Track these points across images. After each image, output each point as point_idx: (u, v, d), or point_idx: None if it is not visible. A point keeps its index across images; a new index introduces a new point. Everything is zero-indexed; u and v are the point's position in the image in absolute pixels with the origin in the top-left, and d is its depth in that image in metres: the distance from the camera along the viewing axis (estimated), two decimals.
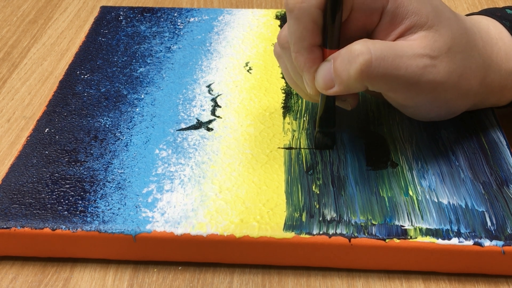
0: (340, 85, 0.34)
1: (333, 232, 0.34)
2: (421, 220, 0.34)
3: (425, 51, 0.33)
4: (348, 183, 0.37)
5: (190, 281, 0.34)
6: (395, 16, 0.34)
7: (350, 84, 0.33)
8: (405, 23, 0.34)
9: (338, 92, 0.34)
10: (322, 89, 0.35)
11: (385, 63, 0.32)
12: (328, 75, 0.34)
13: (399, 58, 0.33)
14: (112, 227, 0.34)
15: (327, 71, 0.34)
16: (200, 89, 0.45)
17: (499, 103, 0.40)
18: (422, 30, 0.34)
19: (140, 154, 0.39)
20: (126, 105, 0.43)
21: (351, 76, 0.33)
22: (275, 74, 0.46)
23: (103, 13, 0.54)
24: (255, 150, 0.39)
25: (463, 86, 0.36)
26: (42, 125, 0.41)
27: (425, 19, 0.34)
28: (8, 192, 0.36)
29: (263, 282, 0.34)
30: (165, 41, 0.50)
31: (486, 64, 0.37)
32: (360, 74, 0.32)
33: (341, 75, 0.33)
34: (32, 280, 0.35)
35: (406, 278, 0.34)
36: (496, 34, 0.38)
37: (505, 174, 0.37)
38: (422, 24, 0.34)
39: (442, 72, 0.34)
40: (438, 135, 0.40)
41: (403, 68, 0.33)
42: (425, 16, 0.34)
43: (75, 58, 0.48)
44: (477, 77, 0.36)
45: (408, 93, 0.35)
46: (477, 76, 0.36)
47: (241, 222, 0.34)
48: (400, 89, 0.34)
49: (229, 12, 0.54)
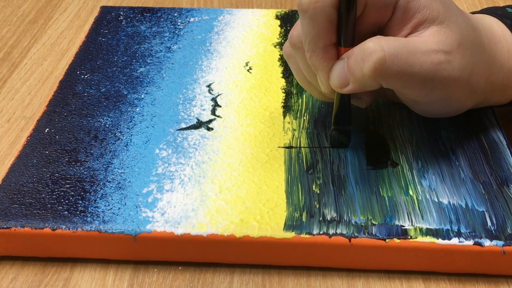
0: (355, 83, 0.34)
1: (333, 232, 0.34)
2: (421, 220, 0.34)
3: (439, 47, 0.33)
4: (348, 182, 0.37)
5: (190, 281, 0.34)
6: (407, 10, 0.34)
7: (365, 82, 0.33)
8: (417, 17, 0.34)
9: (352, 90, 0.34)
10: (337, 88, 0.35)
11: (399, 60, 0.32)
12: (342, 74, 0.34)
13: (413, 55, 0.33)
14: (112, 227, 0.34)
15: (341, 70, 0.34)
16: (200, 89, 0.45)
17: (500, 101, 0.40)
18: (434, 25, 0.34)
19: (140, 154, 0.39)
20: (126, 105, 0.43)
21: (365, 74, 0.33)
22: (275, 74, 0.46)
23: (103, 13, 0.54)
24: (255, 150, 0.39)
25: (473, 83, 0.36)
26: (42, 125, 0.41)
27: (436, 13, 0.34)
28: (8, 192, 0.36)
29: (263, 282, 0.34)
30: (165, 41, 0.50)
31: (491, 62, 0.37)
32: (374, 72, 0.32)
33: (355, 74, 0.33)
34: (32, 280, 0.35)
35: (406, 278, 0.34)
36: (499, 32, 0.38)
37: (505, 174, 0.37)
38: (434, 18, 0.34)
39: (456, 68, 0.34)
40: (438, 135, 0.40)
41: (418, 65, 0.33)
42: (436, 11, 0.34)
43: (75, 58, 0.48)
44: (484, 74, 0.36)
45: (423, 89, 0.34)
46: (484, 73, 0.36)
47: (241, 222, 0.34)
48: (415, 86, 0.34)
49: (229, 12, 0.54)
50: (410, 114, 0.42)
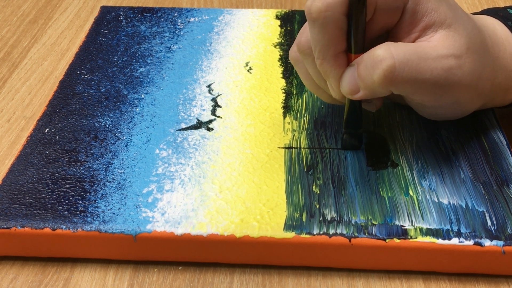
0: (365, 90, 0.33)
1: (333, 232, 0.34)
2: (421, 220, 0.34)
3: (449, 52, 0.33)
4: (348, 183, 0.37)
5: (190, 281, 0.34)
6: (415, 13, 0.34)
7: (375, 89, 0.33)
8: (425, 20, 0.34)
9: (363, 96, 0.34)
10: (347, 94, 0.34)
11: (409, 67, 0.32)
12: (353, 81, 0.34)
13: (423, 61, 0.32)
14: (112, 227, 0.34)
15: (351, 77, 0.34)
16: (200, 89, 0.45)
17: (502, 103, 0.40)
18: (442, 28, 0.33)
19: (140, 154, 0.39)
20: (126, 105, 0.43)
21: (375, 81, 0.32)
22: (275, 74, 0.46)
23: (103, 13, 0.54)
24: (255, 150, 0.39)
25: (480, 86, 0.36)
26: (42, 125, 0.41)
27: (444, 16, 0.34)
28: (8, 192, 0.36)
29: (263, 282, 0.34)
30: (165, 41, 0.50)
31: (495, 65, 0.37)
32: (384, 79, 0.32)
33: (365, 81, 0.33)
34: (32, 280, 0.35)
35: (406, 278, 0.34)
36: (502, 34, 0.38)
37: (505, 174, 0.37)
38: (441, 21, 0.33)
39: (467, 72, 0.34)
40: (438, 135, 0.40)
41: (428, 71, 0.32)
42: (444, 14, 0.34)
43: (75, 58, 0.48)
44: (489, 77, 0.36)
45: (433, 95, 0.34)
46: (490, 76, 0.36)
47: (241, 222, 0.34)
48: (425, 91, 0.34)
49: (229, 12, 0.54)
50: (410, 114, 0.42)
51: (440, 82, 0.33)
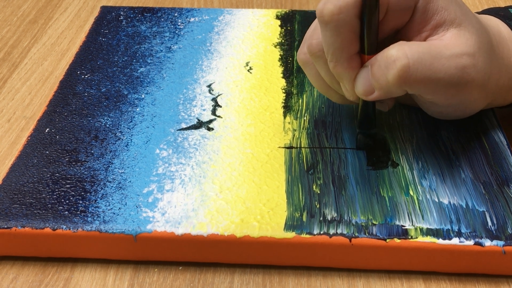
0: (380, 91, 0.33)
1: (334, 232, 0.34)
2: (421, 220, 0.34)
3: (462, 50, 0.33)
4: (348, 182, 0.37)
5: (190, 281, 0.34)
6: (426, 11, 0.33)
7: (390, 89, 0.33)
8: (436, 18, 0.33)
9: (378, 97, 0.34)
10: (362, 96, 0.34)
11: (423, 66, 0.32)
12: (367, 82, 0.33)
13: (437, 60, 0.32)
14: (112, 227, 0.34)
15: (366, 78, 0.33)
16: (200, 89, 0.45)
17: (503, 103, 0.40)
18: (452, 27, 0.33)
19: (141, 154, 0.39)
20: (126, 105, 0.43)
21: (389, 81, 0.32)
22: (275, 74, 0.46)
23: (103, 13, 0.54)
24: (256, 150, 0.39)
25: (488, 85, 0.35)
26: (42, 125, 0.41)
27: (454, 15, 0.33)
28: (8, 192, 0.36)
29: (263, 282, 0.34)
30: (165, 41, 0.50)
31: (500, 64, 0.37)
32: (399, 79, 0.32)
33: (379, 81, 0.33)
34: (33, 280, 0.35)
35: (406, 278, 0.34)
36: (505, 34, 0.38)
37: (506, 174, 0.37)
38: (452, 20, 0.33)
39: (481, 71, 0.34)
40: (438, 135, 0.40)
41: (442, 70, 0.32)
42: (454, 12, 0.33)
43: (76, 58, 0.48)
44: (496, 77, 0.36)
45: (446, 94, 0.34)
46: (496, 76, 0.36)
47: (241, 222, 0.34)
48: (439, 91, 0.34)
49: (229, 12, 0.54)
50: (411, 114, 0.42)
51: (454, 81, 0.33)
